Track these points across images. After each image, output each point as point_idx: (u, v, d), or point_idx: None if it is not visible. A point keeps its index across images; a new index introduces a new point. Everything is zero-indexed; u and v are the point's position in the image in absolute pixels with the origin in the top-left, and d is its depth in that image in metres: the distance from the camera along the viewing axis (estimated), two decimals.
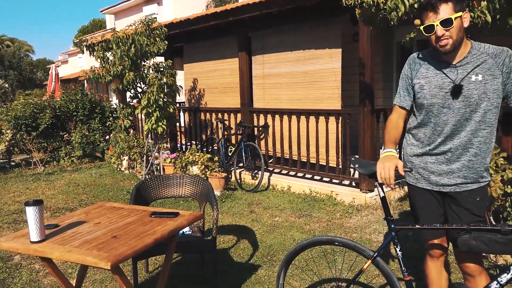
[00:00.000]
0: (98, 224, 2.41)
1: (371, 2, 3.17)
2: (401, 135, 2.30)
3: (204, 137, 7.98)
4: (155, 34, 6.37)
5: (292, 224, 4.68)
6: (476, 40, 2.09)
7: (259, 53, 6.75)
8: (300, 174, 6.31)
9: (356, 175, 5.63)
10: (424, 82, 2.11)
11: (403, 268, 2.07)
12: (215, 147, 7.60)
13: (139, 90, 6.64)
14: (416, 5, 2.82)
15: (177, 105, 8.79)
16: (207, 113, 7.85)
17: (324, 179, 5.97)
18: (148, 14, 17.89)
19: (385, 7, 2.97)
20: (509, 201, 3.39)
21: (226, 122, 7.35)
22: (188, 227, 3.34)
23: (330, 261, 3.63)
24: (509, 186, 3.32)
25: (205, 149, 7.75)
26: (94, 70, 6.46)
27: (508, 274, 1.81)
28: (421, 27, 2.01)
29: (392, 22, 3.18)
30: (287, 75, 6.40)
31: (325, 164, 5.83)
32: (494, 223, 3.53)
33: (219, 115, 7.49)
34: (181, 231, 3.26)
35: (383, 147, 2.26)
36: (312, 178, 6.09)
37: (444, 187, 2.15)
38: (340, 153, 5.64)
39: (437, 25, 1.93)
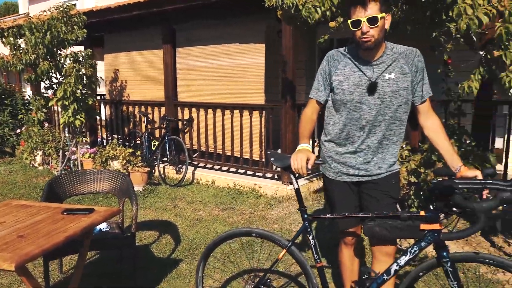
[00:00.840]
0: (2, 224, 2.25)
1: (291, 4, 3.29)
2: (317, 128, 2.41)
3: (126, 131, 7.71)
4: (73, 22, 6.02)
5: (216, 218, 4.70)
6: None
7: (184, 46, 6.66)
8: (224, 168, 6.35)
9: (279, 168, 5.80)
10: (342, 79, 2.20)
11: (315, 255, 2.17)
12: (138, 142, 7.38)
13: (55, 80, 6.24)
14: (328, 13, 2.98)
15: (98, 97, 8.40)
16: (130, 106, 7.60)
17: (248, 172, 6.07)
18: (66, 0, 16.81)
19: (302, 10, 3.09)
20: (412, 189, 3.70)
21: (150, 116, 7.17)
22: (106, 223, 3.23)
23: (251, 253, 3.71)
24: (412, 176, 3.62)
25: (127, 143, 7.50)
26: (2, 57, 5.96)
27: (406, 256, 1.98)
28: (349, 21, 2.08)
29: (310, 23, 3.32)
30: (212, 69, 6.39)
31: (249, 157, 5.93)
32: (400, 210, 3.84)
33: (143, 109, 7.29)
34: (98, 228, 3.14)
35: (299, 141, 2.34)
36: (236, 172, 6.16)
37: (362, 177, 2.29)
38: (263, 147, 5.76)
39: (364, 21, 2.02)
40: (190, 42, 6.58)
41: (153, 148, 6.74)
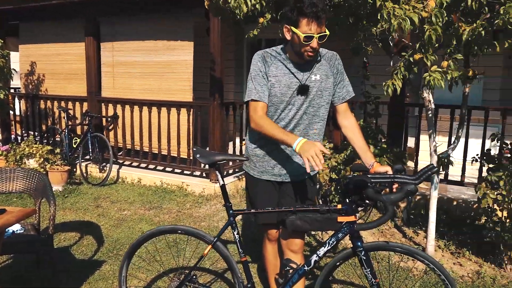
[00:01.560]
0: None
1: None
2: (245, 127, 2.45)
3: (44, 127, 7.24)
4: None
5: (142, 217, 4.60)
6: None
7: (109, 40, 6.40)
8: (151, 166, 6.21)
9: (207, 166, 5.79)
10: (275, 80, 2.24)
11: (240, 250, 2.22)
12: (58, 139, 6.96)
13: None
14: (258, 6, 3.03)
15: (12, 90, 7.80)
16: (48, 101, 7.14)
17: (176, 170, 6.00)
18: None
19: (231, 1, 3.11)
20: (333, 185, 3.91)
21: (71, 112, 6.80)
22: (20, 225, 3.03)
23: (177, 251, 3.68)
24: (333, 173, 3.82)
25: (45, 140, 7.05)
26: None
27: (325, 247, 2.09)
28: (300, 33, 2.06)
29: (238, 17, 3.34)
30: (139, 65, 6.21)
31: (176, 155, 5.86)
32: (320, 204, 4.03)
33: (63, 104, 6.88)
34: (10, 230, 2.93)
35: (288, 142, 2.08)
36: (163, 170, 6.06)
37: (286, 177, 2.36)
38: (191, 145, 5.72)
39: (316, 37, 2.07)
40: (115, 36, 6.35)
41: (74, 146, 6.41)
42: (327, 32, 2.10)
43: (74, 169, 6.37)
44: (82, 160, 6.20)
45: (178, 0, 5.31)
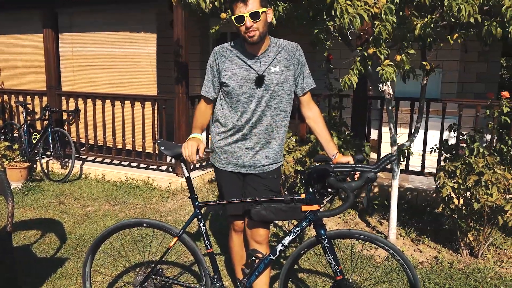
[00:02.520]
0: None
1: None
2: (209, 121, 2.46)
3: (1, 122, 6.95)
4: None
5: (106, 213, 4.51)
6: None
7: (68, 31, 6.19)
8: (116, 162, 6.09)
9: (173, 160, 5.74)
10: (231, 74, 2.26)
11: (206, 242, 2.23)
12: (16, 134, 6.70)
13: None
14: (216, 3, 3.03)
15: None
16: (5, 95, 6.85)
17: (141, 165, 5.91)
18: None
19: None
20: (299, 177, 3.96)
21: (30, 106, 6.56)
22: None
23: (143, 246, 3.64)
24: (298, 165, 3.87)
25: (3, 136, 6.77)
26: None
27: (289, 237, 2.13)
28: (233, 17, 2.15)
29: (204, 11, 3.32)
30: (100, 57, 6.05)
31: (141, 150, 5.77)
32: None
33: (20, 98, 6.62)
34: None
35: (191, 132, 2.37)
36: (128, 165, 5.95)
37: (250, 169, 2.38)
38: (156, 139, 5.65)
39: (246, 16, 2.10)
40: (74, 28, 6.14)
41: (34, 142, 6.19)
42: (260, 9, 2.12)
43: (35, 166, 6.16)
44: (43, 156, 6.00)
45: None
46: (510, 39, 2.70)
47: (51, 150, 5.96)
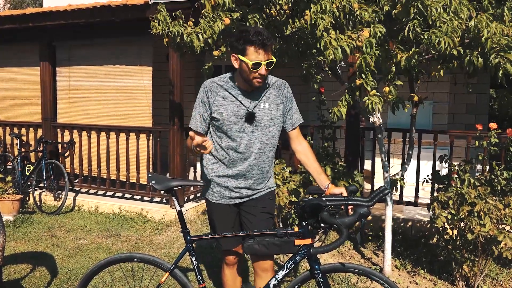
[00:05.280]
0: None
1: (176, 33, 3.37)
2: None
3: None
4: None
5: (99, 246, 4.45)
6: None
7: (65, 65, 6.28)
8: (109, 193, 6.06)
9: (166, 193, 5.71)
10: (222, 109, 2.29)
11: (198, 276, 2.20)
12: (10, 166, 6.67)
13: None
14: (210, 40, 3.12)
15: None
16: (0, 127, 6.87)
17: (135, 197, 5.88)
18: None
19: (185, 37, 3.19)
20: (293, 208, 3.96)
21: (24, 138, 6.56)
22: None
23: (136, 280, 3.58)
24: (293, 196, 3.88)
25: None
26: None
27: (283, 271, 2.11)
28: (249, 61, 2.13)
29: (196, 51, 3.43)
30: (96, 90, 6.12)
31: (135, 181, 5.75)
32: (280, 227, 4.07)
33: (15, 130, 6.64)
34: None
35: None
36: (122, 197, 5.92)
37: (242, 199, 2.39)
38: (151, 170, 5.64)
39: (263, 64, 2.14)
40: (72, 61, 6.24)
41: (28, 173, 6.16)
42: (274, 59, 2.18)
43: (27, 198, 6.11)
44: (36, 188, 5.96)
45: (137, 26, 5.32)
46: (491, 68, 2.77)
47: (45, 182, 5.92)
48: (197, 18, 3.45)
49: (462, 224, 3.39)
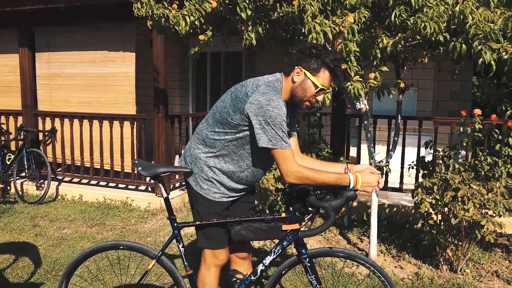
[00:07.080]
0: None
1: (161, 14, 3.29)
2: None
3: None
4: None
5: (83, 235, 4.40)
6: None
7: (45, 51, 6.12)
8: (93, 182, 5.97)
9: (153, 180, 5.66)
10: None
11: (185, 263, 2.19)
12: None
13: None
14: (197, 22, 3.06)
15: None
16: None
17: (120, 185, 5.81)
18: None
19: (171, 19, 3.13)
20: (280, 195, 3.95)
21: (4, 126, 6.41)
22: None
23: (121, 269, 3.55)
24: (279, 183, 3.87)
25: None
26: None
27: (270, 256, 2.11)
28: (320, 86, 2.02)
29: (180, 34, 3.36)
30: (78, 77, 5.98)
31: (120, 170, 5.68)
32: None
33: None
34: None
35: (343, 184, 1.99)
36: (106, 186, 5.85)
37: (240, 194, 2.29)
38: (134, 159, 5.57)
39: (327, 92, 2.08)
40: (52, 47, 6.08)
41: (8, 162, 6.02)
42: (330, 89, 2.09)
43: (8, 188, 5.99)
44: (17, 178, 5.84)
45: (120, 11, 5.19)
46: (474, 55, 2.78)
47: (26, 171, 5.81)
48: (181, 0, 3.38)
49: (446, 209, 3.43)
